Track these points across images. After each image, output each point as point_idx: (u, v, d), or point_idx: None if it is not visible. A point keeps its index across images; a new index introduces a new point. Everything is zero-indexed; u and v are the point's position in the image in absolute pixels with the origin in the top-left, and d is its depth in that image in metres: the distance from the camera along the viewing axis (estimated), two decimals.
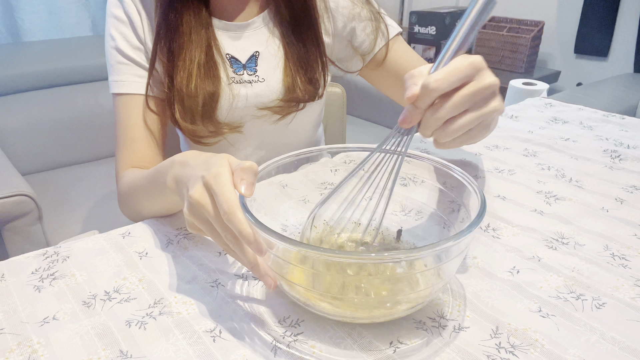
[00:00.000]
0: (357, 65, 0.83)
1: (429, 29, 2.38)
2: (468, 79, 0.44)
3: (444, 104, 0.44)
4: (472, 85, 0.44)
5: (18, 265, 0.55)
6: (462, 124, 0.45)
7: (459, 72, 0.43)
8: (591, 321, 0.45)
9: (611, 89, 1.81)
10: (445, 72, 0.43)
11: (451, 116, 0.44)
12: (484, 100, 0.45)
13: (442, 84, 0.43)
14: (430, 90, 0.43)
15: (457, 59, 0.44)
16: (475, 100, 0.44)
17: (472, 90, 0.44)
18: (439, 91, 0.43)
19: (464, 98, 0.44)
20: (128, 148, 0.73)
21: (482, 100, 0.45)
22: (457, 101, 0.44)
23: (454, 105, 0.44)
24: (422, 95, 0.44)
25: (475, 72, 0.44)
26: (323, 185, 0.62)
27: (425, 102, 0.44)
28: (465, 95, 0.44)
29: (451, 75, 0.43)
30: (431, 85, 0.43)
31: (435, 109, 0.44)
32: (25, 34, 1.94)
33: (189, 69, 0.71)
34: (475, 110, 0.45)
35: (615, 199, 0.67)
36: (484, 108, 0.45)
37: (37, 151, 1.64)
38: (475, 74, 0.44)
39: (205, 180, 0.44)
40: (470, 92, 0.44)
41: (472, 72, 0.44)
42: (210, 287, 0.51)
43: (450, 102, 0.44)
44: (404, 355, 0.42)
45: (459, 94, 0.44)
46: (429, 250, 0.40)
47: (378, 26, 0.79)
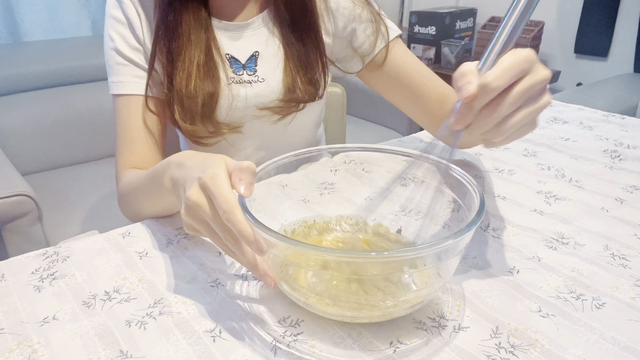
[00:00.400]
0: (357, 66, 0.83)
1: (429, 29, 2.37)
2: (524, 74, 0.42)
3: (501, 102, 0.42)
4: (527, 80, 0.42)
5: (18, 265, 0.55)
6: (516, 121, 0.43)
7: (516, 68, 0.41)
8: (591, 321, 0.45)
9: (611, 89, 1.81)
10: (502, 69, 0.41)
11: (509, 113, 0.43)
12: (536, 94, 0.43)
13: (502, 82, 0.41)
14: (490, 89, 0.41)
15: (510, 54, 0.42)
16: (529, 95, 0.42)
17: (528, 84, 0.42)
18: (499, 89, 0.41)
19: (521, 94, 0.42)
20: (128, 149, 0.73)
21: (534, 95, 0.43)
22: (515, 97, 0.42)
23: (512, 102, 0.42)
24: (480, 94, 0.41)
25: (530, 65, 0.42)
26: (323, 185, 0.62)
27: (483, 102, 0.42)
28: (521, 90, 0.42)
29: (509, 71, 0.41)
30: (492, 84, 0.40)
31: (492, 108, 0.42)
32: (25, 34, 1.94)
33: (188, 70, 0.71)
34: (528, 105, 0.43)
35: (615, 199, 0.67)
36: (537, 103, 0.43)
37: (37, 151, 1.64)
38: (530, 67, 0.42)
39: (202, 181, 0.44)
40: (526, 87, 0.42)
41: (527, 67, 0.42)
42: (210, 287, 0.51)
43: (507, 100, 0.42)
44: (404, 355, 0.42)
45: (516, 90, 0.42)
46: (429, 250, 0.40)
47: (378, 28, 0.79)
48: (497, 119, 0.42)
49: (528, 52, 0.42)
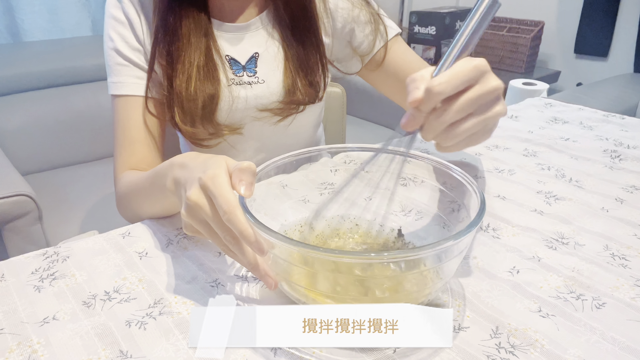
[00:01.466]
0: (356, 66, 0.83)
1: (429, 29, 2.37)
2: (472, 82, 0.43)
3: (447, 108, 0.43)
4: (476, 89, 0.43)
5: (18, 265, 0.55)
6: (465, 128, 0.44)
7: (463, 75, 0.42)
8: (591, 321, 0.45)
9: (611, 89, 1.81)
10: (449, 76, 0.42)
11: (455, 120, 0.44)
12: (487, 104, 0.44)
13: (446, 88, 0.42)
14: (434, 94, 0.42)
15: (461, 62, 0.43)
16: (479, 103, 0.44)
17: (476, 94, 0.43)
18: (443, 95, 0.42)
19: (468, 102, 0.43)
20: (127, 150, 0.73)
21: (486, 104, 0.44)
22: (461, 105, 0.43)
23: (458, 109, 0.43)
24: (425, 99, 0.43)
25: (479, 75, 0.43)
26: (323, 185, 0.62)
27: (428, 106, 0.43)
28: (469, 99, 0.43)
29: (455, 78, 0.42)
30: (435, 89, 0.42)
31: (439, 113, 0.44)
32: (25, 34, 1.94)
33: (188, 72, 0.71)
34: (479, 114, 0.44)
35: (615, 199, 0.67)
36: (487, 112, 0.45)
37: (37, 151, 1.64)
38: (480, 77, 0.43)
39: (202, 182, 0.44)
40: (474, 96, 0.43)
41: (476, 75, 0.43)
42: (210, 287, 0.51)
43: (454, 106, 0.43)
44: (404, 355, 0.42)
45: (463, 98, 0.43)
46: (429, 250, 0.40)
47: (377, 27, 0.79)
48: (444, 124, 0.44)
49: (479, 61, 0.43)
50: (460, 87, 0.42)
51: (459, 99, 0.43)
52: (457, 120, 0.44)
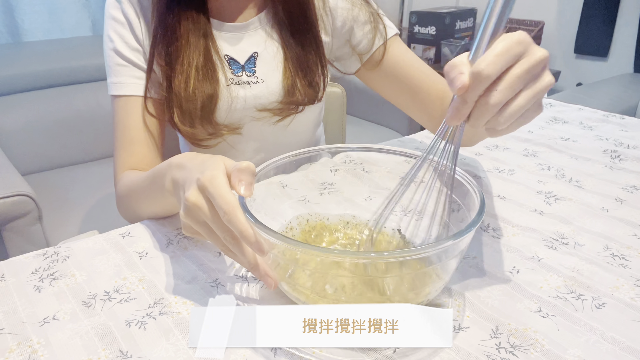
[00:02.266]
0: (355, 65, 0.83)
1: (429, 29, 2.37)
2: (518, 57, 0.40)
3: (497, 88, 0.40)
4: (523, 63, 0.40)
5: (18, 265, 0.55)
6: (519, 106, 0.41)
7: (509, 52, 0.39)
8: (591, 321, 0.45)
9: (611, 89, 1.81)
10: (494, 55, 0.39)
11: (508, 99, 0.40)
12: (536, 76, 0.41)
13: (494, 68, 0.39)
14: (483, 77, 0.39)
15: (501, 40, 0.40)
16: (528, 77, 0.40)
17: (525, 67, 0.40)
18: (493, 77, 0.39)
19: (519, 77, 0.40)
20: (126, 150, 0.73)
21: (534, 77, 0.41)
22: (512, 81, 0.40)
23: (510, 86, 0.40)
24: (474, 84, 0.40)
25: (524, 48, 0.40)
26: (323, 185, 0.62)
27: (477, 92, 0.40)
28: (519, 74, 0.40)
29: (502, 56, 0.39)
30: (484, 71, 0.39)
31: (488, 96, 0.40)
32: (25, 34, 1.94)
33: (187, 73, 0.70)
34: (529, 88, 0.41)
35: (615, 199, 0.67)
36: (537, 84, 0.41)
37: (37, 151, 1.64)
38: (524, 50, 0.40)
39: (201, 182, 0.44)
40: (523, 70, 0.40)
41: (521, 50, 0.40)
42: (210, 287, 0.51)
43: (504, 84, 0.40)
44: (404, 355, 0.42)
45: (512, 74, 0.40)
46: (429, 250, 0.40)
47: (376, 26, 0.79)
48: (497, 106, 0.40)
49: (520, 34, 0.40)
50: (507, 66, 0.40)
51: (506, 76, 0.40)
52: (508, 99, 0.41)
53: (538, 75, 0.41)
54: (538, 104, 0.43)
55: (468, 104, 0.41)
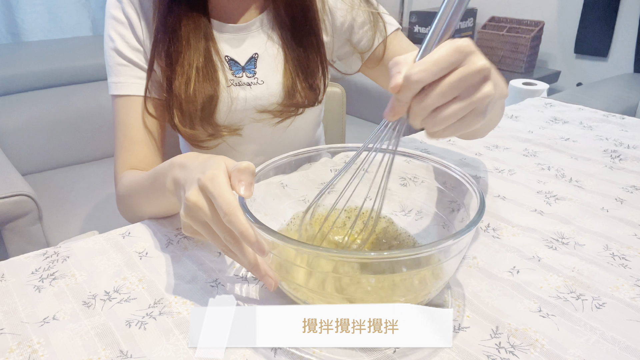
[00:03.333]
0: (357, 64, 0.83)
1: (428, 29, 2.37)
2: (455, 65, 0.41)
3: (430, 92, 0.41)
4: (459, 72, 0.41)
5: (18, 265, 0.55)
6: (451, 112, 0.42)
7: (444, 60, 0.40)
8: (591, 321, 0.45)
9: (611, 89, 1.81)
10: (429, 62, 0.40)
11: (439, 105, 0.42)
12: (474, 86, 0.42)
13: (425, 75, 0.40)
14: (412, 82, 0.40)
15: (443, 46, 0.41)
16: (464, 86, 0.41)
17: (459, 76, 0.40)
18: (422, 83, 0.40)
19: (451, 85, 0.41)
20: (127, 150, 0.73)
21: (471, 86, 0.42)
22: (444, 89, 0.41)
23: (441, 93, 0.41)
24: (405, 86, 0.41)
25: (463, 57, 0.40)
26: (323, 185, 0.62)
27: (408, 94, 0.42)
28: (452, 82, 0.40)
29: (435, 64, 0.40)
30: (413, 77, 0.40)
31: (421, 98, 0.42)
32: (25, 34, 1.94)
33: (187, 74, 0.70)
34: (465, 97, 0.42)
35: (615, 199, 0.67)
36: (474, 94, 0.42)
37: (37, 151, 1.64)
38: (464, 59, 0.41)
39: (201, 182, 0.44)
40: (457, 79, 0.40)
41: (459, 58, 0.40)
42: (210, 287, 0.51)
43: (436, 91, 0.41)
44: (404, 355, 0.42)
45: (446, 81, 0.41)
46: (429, 250, 0.40)
47: (376, 24, 0.79)
48: (427, 109, 0.42)
49: (463, 42, 0.41)
50: (441, 73, 0.40)
51: (441, 82, 0.41)
52: (441, 104, 0.42)
53: (476, 85, 0.42)
54: (478, 112, 0.43)
55: (401, 103, 0.43)
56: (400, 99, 0.42)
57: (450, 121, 0.42)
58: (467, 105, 0.42)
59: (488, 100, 0.43)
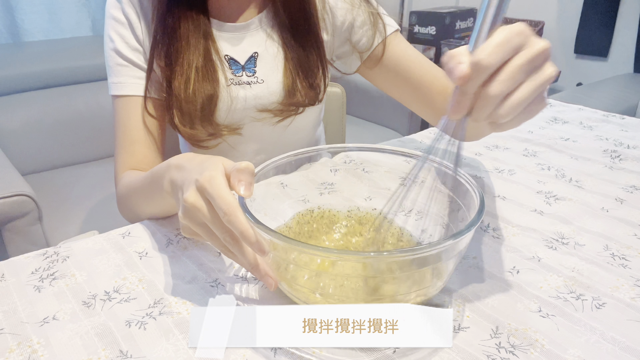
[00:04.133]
0: (355, 64, 0.83)
1: (429, 29, 2.37)
2: (518, 49, 0.39)
3: (498, 78, 0.39)
4: (525, 53, 0.39)
5: (18, 265, 0.55)
6: (521, 98, 0.40)
7: (509, 42, 0.38)
8: (591, 321, 0.45)
9: (611, 89, 1.81)
10: (494, 45, 0.38)
11: (509, 90, 0.40)
12: (537, 67, 0.40)
13: (495, 58, 0.38)
14: (483, 66, 0.38)
15: (500, 31, 0.39)
16: (529, 68, 0.39)
17: (526, 58, 0.39)
18: (494, 67, 0.38)
19: (520, 68, 0.39)
20: (127, 150, 0.73)
21: (536, 68, 0.40)
22: (513, 72, 0.39)
23: (511, 77, 0.39)
24: (474, 74, 0.39)
25: (524, 39, 0.39)
26: (323, 186, 0.62)
27: (477, 83, 0.39)
28: (520, 64, 0.39)
29: (502, 46, 0.38)
30: (484, 61, 0.38)
31: (489, 87, 0.39)
32: (25, 34, 1.94)
33: (187, 74, 0.70)
34: (531, 79, 0.40)
35: (615, 199, 0.67)
36: (540, 75, 0.40)
37: (37, 151, 1.64)
38: (525, 41, 0.39)
39: (199, 183, 0.44)
40: (525, 61, 0.39)
41: (521, 41, 0.39)
42: (210, 287, 0.51)
43: (504, 74, 0.39)
44: (404, 354, 0.42)
45: (513, 64, 0.39)
46: (429, 250, 0.40)
47: (376, 24, 0.79)
48: (498, 98, 0.40)
49: (520, 25, 0.40)
50: (507, 57, 0.39)
51: (507, 67, 0.39)
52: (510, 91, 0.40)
53: (539, 66, 0.40)
54: (541, 97, 0.42)
55: (468, 96, 0.41)
56: (467, 91, 0.40)
57: (521, 107, 0.40)
58: (536, 87, 0.40)
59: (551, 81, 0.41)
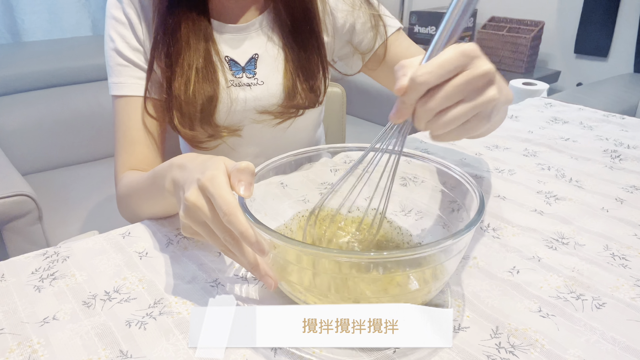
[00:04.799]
0: (357, 65, 0.83)
1: (429, 29, 2.37)
2: (461, 69, 0.41)
3: (434, 95, 0.41)
4: (464, 75, 0.41)
5: (18, 265, 0.55)
6: (455, 115, 0.42)
7: (449, 64, 0.40)
8: (591, 321, 0.45)
9: (611, 89, 1.81)
10: (434, 65, 0.40)
11: (443, 107, 0.42)
12: (478, 89, 0.42)
13: (430, 77, 0.40)
14: (417, 84, 0.41)
15: (448, 50, 0.41)
16: (468, 89, 0.42)
17: (464, 79, 0.41)
18: (427, 85, 0.41)
19: (456, 88, 0.41)
20: (127, 150, 0.73)
21: (476, 90, 0.42)
22: (449, 92, 0.41)
23: (445, 96, 0.41)
24: (410, 89, 0.42)
25: (468, 60, 0.41)
26: (323, 186, 0.62)
27: (413, 97, 0.42)
28: (456, 85, 0.41)
29: (441, 67, 0.40)
30: (419, 79, 0.41)
31: (425, 100, 0.42)
32: (25, 34, 1.94)
33: (187, 75, 0.70)
34: (470, 100, 0.42)
35: (615, 199, 0.67)
36: (479, 98, 0.42)
37: (37, 151, 1.64)
38: (469, 62, 0.41)
39: (201, 183, 0.44)
40: (462, 82, 0.41)
41: (464, 62, 0.41)
42: (210, 287, 0.51)
43: (440, 93, 0.41)
44: (404, 354, 0.42)
45: (450, 84, 0.41)
46: (429, 250, 0.40)
47: (377, 25, 0.79)
48: (432, 111, 0.42)
49: (467, 46, 0.41)
50: (446, 77, 0.41)
51: (445, 85, 0.41)
52: (445, 107, 0.42)
53: (480, 88, 0.42)
54: (483, 116, 0.44)
55: (406, 105, 0.43)
56: (406, 102, 0.43)
57: (454, 124, 0.43)
58: (471, 108, 0.42)
59: (493, 104, 0.43)
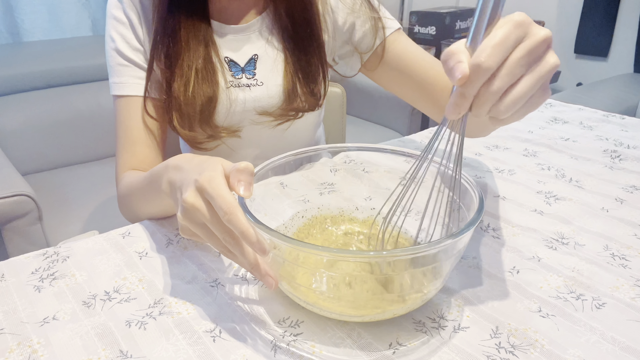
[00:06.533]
0: (357, 65, 0.83)
1: (429, 29, 2.37)
2: (519, 42, 0.37)
3: (498, 74, 0.37)
4: (525, 45, 0.37)
5: (18, 265, 0.55)
6: (521, 92, 0.38)
7: (508, 39, 0.37)
8: (591, 321, 0.45)
9: (611, 89, 1.81)
10: (493, 44, 0.37)
11: (509, 85, 0.38)
12: (538, 58, 0.38)
13: (495, 59, 0.36)
14: (483, 69, 0.37)
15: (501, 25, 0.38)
16: (531, 59, 0.38)
17: (525, 50, 0.37)
18: (494, 68, 0.37)
19: (520, 61, 0.37)
20: (128, 150, 0.73)
21: (537, 59, 0.38)
22: (512, 68, 0.37)
23: (510, 72, 0.37)
24: (473, 77, 0.37)
25: (524, 30, 0.37)
26: (323, 186, 0.62)
27: (477, 85, 0.38)
28: (519, 58, 0.37)
29: (501, 45, 0.37)
30: (484, 64, 0.36)
31: (488, 84, 0.38)
32: (25, 34, 1.94)
33: (186, 76, 0.70)
34: (532, 72, 0.38)
35: (615, 199, 0.67)
36: (541, 67, 0.38)
37: (37, 151, 1.64)
38: (525, 33, 0.38)
39: (199, 184, 0.44)
40: (524, 54, 0.37)
41: (522, 33, 0.37)
42: (210, 287, 0.51)
43: (504, 71, 0.37)
44: (404, 355, 0.42)
45: (512, 59, 0.37)
46: (428, 250, 0.40)
47: (376, 25, 0.79)
48: (498, 94, 0.38)
49: (519, 15, 0.38)
50: (508, 53, 0.37)
51: (507, 61, 0.37)
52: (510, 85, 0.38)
53: (541, 57, 0.39)
54: (543, 89, 0.40)
55: (467, 98, 0.39)
56: (466, 92, 0.39)
57: (522, 101, 0.39)
58: (537, 79, 0.38)
59: (554, 71, 0.39)
